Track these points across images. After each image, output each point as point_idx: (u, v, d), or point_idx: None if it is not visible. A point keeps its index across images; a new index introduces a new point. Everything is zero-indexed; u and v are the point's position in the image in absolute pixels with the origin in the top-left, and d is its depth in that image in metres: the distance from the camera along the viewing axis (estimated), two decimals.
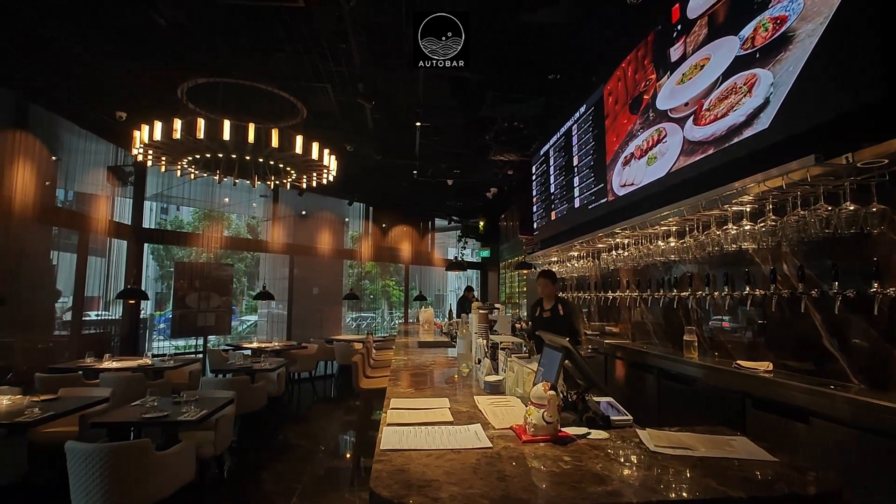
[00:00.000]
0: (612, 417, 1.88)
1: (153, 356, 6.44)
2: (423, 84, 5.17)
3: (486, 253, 12.80)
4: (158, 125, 4.69)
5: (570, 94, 5.53)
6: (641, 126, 4.02)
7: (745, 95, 2.83)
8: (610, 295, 5.25)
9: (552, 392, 1.68)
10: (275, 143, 4.88)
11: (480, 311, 3.49)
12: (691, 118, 3.33)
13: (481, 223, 12.31)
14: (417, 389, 2.60)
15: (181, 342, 9.35)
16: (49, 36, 4.40)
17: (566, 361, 2.01)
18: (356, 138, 6.88)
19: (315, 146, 5.29)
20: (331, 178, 6.16)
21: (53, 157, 6.12)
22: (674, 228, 3.79)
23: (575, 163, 5.51)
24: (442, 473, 1.35)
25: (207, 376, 6.41)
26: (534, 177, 7.31)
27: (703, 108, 3.20)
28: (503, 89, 5.56)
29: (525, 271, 8.76)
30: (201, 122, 4.62)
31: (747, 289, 3.20)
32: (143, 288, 7.23)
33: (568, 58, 4.87)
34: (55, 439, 3.72)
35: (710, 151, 3.11)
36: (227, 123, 4.69)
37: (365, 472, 4.46)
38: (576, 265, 5.87)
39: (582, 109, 5.32)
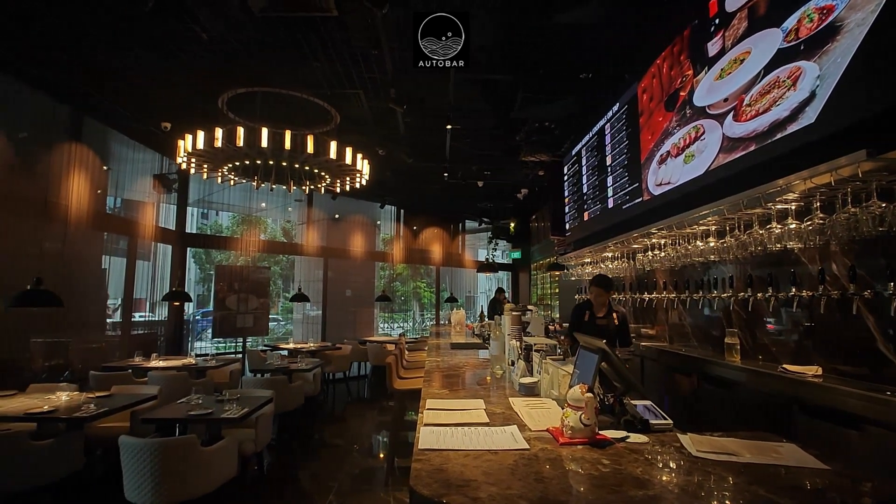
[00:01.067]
0: (651, 421, 1.85)
1: (196, 356, 6.70)
2: (454, 87, 5.20)
3: (516, 254, 12.72)
4: (201, 134, 4.90)
5: (602, 93, 5.45)
6: (678, 123, 3.92)
7: (788, 89, 2.72)
8: (646, 296, 5.13)
9: (589, 394, 1.66)
10: (310, 148, 5.01)
11: (513, 313, 3.48)
12: (731, 114, 3.23)
13: (512, 224, 12.24)
14: (452, 390, 2.62)
15: (221, 342, 9.71)
16: (101, 53, 4.67)
17: (602, 364, 1.99)
18: (388, 142, 6.98)
19: (348, 151, 5.41)
20: (363, 182, 6.27)
21: (105, 167, 6.47)
22: (713, 228, 3.68)
23: (608, 162, 5.42)
24: (480, 474, 1.36)
25: (247, 376, 6.62)
26: (565, 177, 7.22)
27: (744, 103, 3.09)
28: (534, 90, 5.53)
29: (557, 272, 8.65)
30: (241, 131, 4.80)
31: (793, 290, 3.07)
32: (185, 290, 7.54)
33: (600, 56, 4.81)
34: (109, 434, 3.93)
35: (752, 148, 3.01)
36: (264, 131, 4.85)
37: (399, 471, 4.51)
38: (610, 266, 5.77)
39: (615, 108, 5.23)
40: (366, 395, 8.34)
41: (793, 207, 2.87)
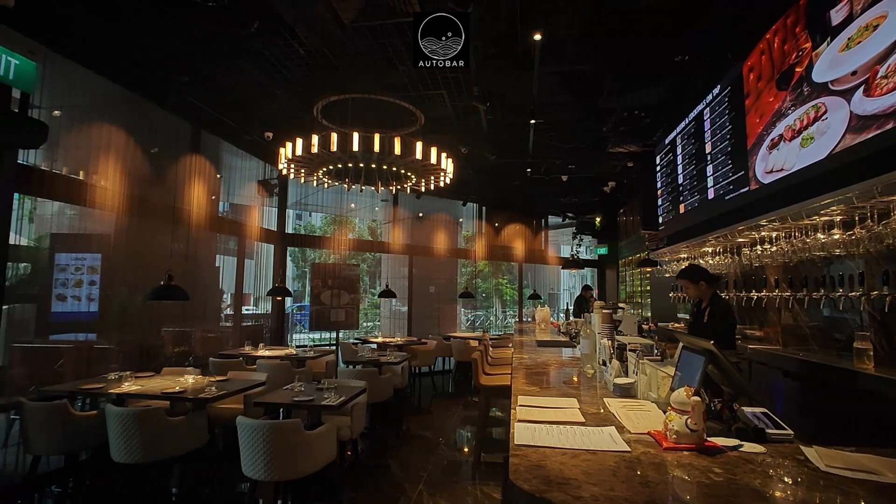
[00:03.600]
0: (768, 430, 1.69)
1: (296, 347, 7.25)
2: (537, 81, 5.11)
3: (603, 250, 12.21)
4: (299, 142, 5.28)
5: (699, 76, 5.06)
6: (793, 103, 3.53)
7: None
8: (754, 295, 4.69)
9: (697, 398, 1.57)
10: (397, 150, 5.20)
11: (604, 311, 3.37)
12: (861, 89, 2.85)
13: (598, 219, 11.77)
14: (542, 388, 2.59)
15: (315, 335, 10.42)
16: (216, 72, 5.21)
17: (709, 366, 1.86)
18: (470, 140, 7.04)
19: (433, 150, 5.53)
20: (447, 181, 6.38)
21: (217, 175, 7.21)
22: (838, 218, 3.27)
23: (708, 150, 5.01)
24: (580, 473, 1.34)
25: (341, 366, 7.03)
26: (658, 168, 6.80)
27: (878, 75, 2.71)
28: (622, 78, 5.28)
29: (648, 269, 8.19)
30: (334, 136, 5.10)
31: None
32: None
33: (697, 36, 4.47)
34: (226, 414, 4.39)
35: (889, 126, 2.63)
36: (356, 135, 5.12)
37: (485, 466, 4.55)
38: (710, 262, 5.35)
39: (716, 91, 4.83)
40: (450, 390, 8.50)
41: None
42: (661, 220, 6.80)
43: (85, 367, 4.91)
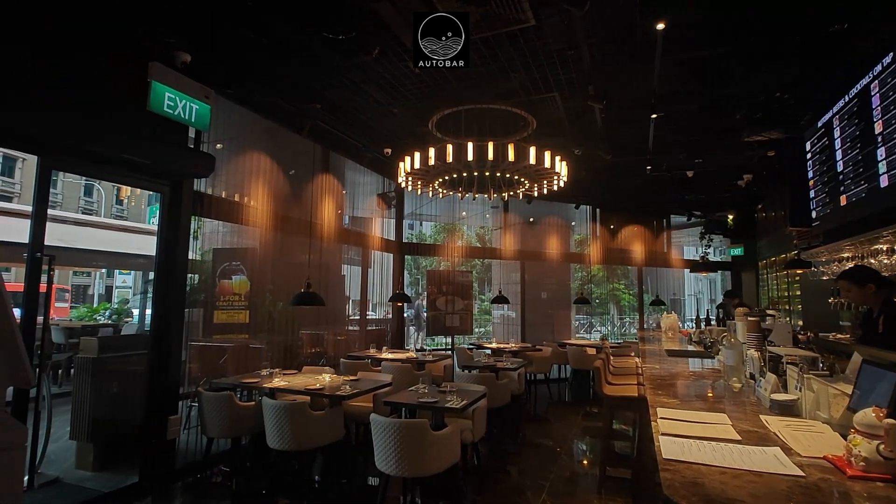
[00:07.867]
0: None
1: (417, 350, 7.60)
2: (658, 73, 4.79)
3: (737, 251, 10.97)
4: (417, 155, 5.56)
5: (862, 45, 4.33)
6: None
7: None
8: None
9: (892, 420, 1.34)
10: (511, 157, 5.22)
11: (749, 319, 3.04)
12: None
13: (730, 217, 10.62)
14: (683, 401, 2.41)
15: (432, 339, 10.78)
16: (342, 97, 5.71)
17: None
18: (584, 141, 6.81)
19: (547, 155, 5.46)
20: (561, 184, 6.25)
21: (343, 191, 7.87)
22: None
23: (878, 130, 4.26)
24: (746, 495, 1.22)
25: (457, 371, 7.20)
26: (809, 155, 5.94)
27: None
28: (758, 58, 4.73)
29: (799, 271, 7.16)
30: (449, 148, 5.29)
31: None
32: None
33: None
34: (357, 411, 4.74)
35: None
36: (469, 145, 5.25)
37: (611, 482, 4.32)
38: (885, 261, 4.52)
39: (887, 59, 4.09)
40: (567, 399, 8.25)
41: None
42: (814, 214, 5.92)
43: (243, 364, 5.66)
